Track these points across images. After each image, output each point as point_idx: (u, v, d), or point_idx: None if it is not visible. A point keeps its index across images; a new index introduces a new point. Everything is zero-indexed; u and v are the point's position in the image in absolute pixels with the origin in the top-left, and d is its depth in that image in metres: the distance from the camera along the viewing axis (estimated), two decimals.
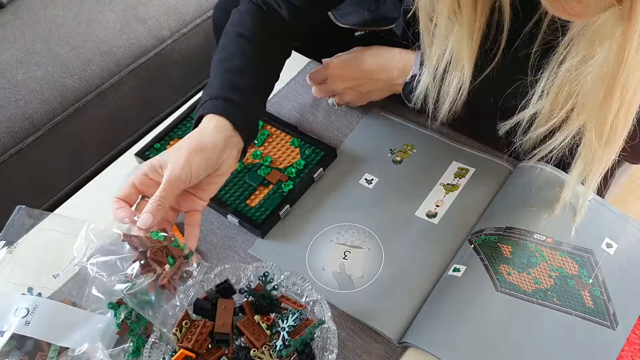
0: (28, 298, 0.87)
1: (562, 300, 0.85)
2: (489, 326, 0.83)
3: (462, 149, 1.05)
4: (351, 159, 1.05)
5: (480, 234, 0.93)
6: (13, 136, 1.44)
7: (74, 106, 1.53)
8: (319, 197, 1.02)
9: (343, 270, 0.93)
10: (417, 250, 0.94)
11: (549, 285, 0.86)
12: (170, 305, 0.78)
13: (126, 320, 0.84)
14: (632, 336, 0.84)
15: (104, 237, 0.94)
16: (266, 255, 0.96)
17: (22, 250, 0.96)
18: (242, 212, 0.99)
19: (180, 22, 1.68)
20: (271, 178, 1.03)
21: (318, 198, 1.02)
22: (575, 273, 0.87)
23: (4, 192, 1.47)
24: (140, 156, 1.08)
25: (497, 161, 1.02)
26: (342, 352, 0.86)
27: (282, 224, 0.99)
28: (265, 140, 1.09)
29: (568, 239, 0.90)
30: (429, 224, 0.96)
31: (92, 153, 1.63)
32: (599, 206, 0.94)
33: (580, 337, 0.82)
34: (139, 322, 0.84)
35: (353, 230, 0.97)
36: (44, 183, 1.54)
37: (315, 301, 0.84)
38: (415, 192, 1.00)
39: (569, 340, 0.82)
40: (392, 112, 1.11)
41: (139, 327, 0.84)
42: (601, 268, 0.88)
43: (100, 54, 1.57)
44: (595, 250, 0.89)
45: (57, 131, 1.51)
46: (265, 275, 0.85)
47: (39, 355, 0.84)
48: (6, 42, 1.57)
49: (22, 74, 1.51)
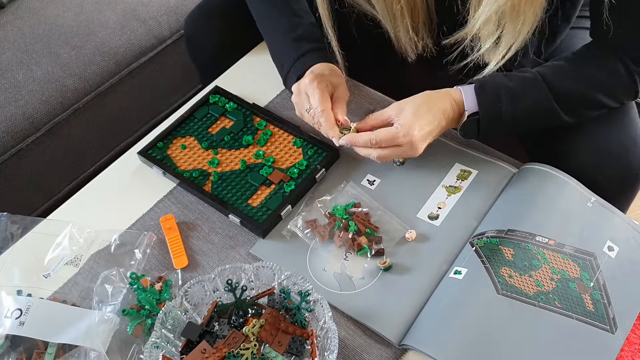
0: (20, 299, 0.87)
1: (563, 304, 0.84)
2: (490, 329, 0.83)
3: (465, 151, 1.05)
4: (353, 160, 1.05)
5: (482, 236, 0.92)
6: (13, 136, 1.44)
7: (74, 106, 1.52)
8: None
9: (344, 271, 0.93)
10: (418, 253, 0.93)
11: (550, 288, 0.86)
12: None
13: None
14: (632, 336, 0.84)
15: (90, 237, 0.95)
16: (267, 255, 0.96)
17: (7, 253, 0.97)
18: (244, 212, 0.99)
19: (180, 22, 1.68)
20: (273, 178, 1.03)
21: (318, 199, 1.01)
22: (577, 276, 0.87)
23: (4, 192, 1.46)
24: (144, 155, 1.08)
25: (500, 164, 1.02)
26: (342, 352, 0.85)
27: (284, 224, 0.99)
28: (268, 140, 1.09)
29: (570, 242, 0.90)
30: (431, 226, 0.96)
31: (92, 153, 1.62)
32: (601, 209, 0.94)
33: (580, 340, 0.82)
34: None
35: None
36: (44, 183, 1.54)
37: (316, 301, 0.84)
38: (417, 194, 1.00)
39: (569, 343, 0.82)
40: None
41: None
42: (602, 271, 0.87)
43: (100, 54, 1.57)
44: (597, 253, 0.89)
45: (57, 131, 1.51)
46: (229, 283, 0.86)
47: (35, 353, 0.84)
48: (6, 42, 1.57)
49: (22, 74, 1.50)
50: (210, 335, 0.85)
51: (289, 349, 0.83)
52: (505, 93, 0.94)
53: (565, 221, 0.92)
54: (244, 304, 0.87)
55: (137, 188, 1.06)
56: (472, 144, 1.06)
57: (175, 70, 1.72)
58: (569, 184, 0.95)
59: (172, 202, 1.04)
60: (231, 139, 1.09)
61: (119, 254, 0.96)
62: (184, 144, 1.09)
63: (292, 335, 0.84)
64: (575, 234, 0.91)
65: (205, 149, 1.08)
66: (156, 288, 0.91)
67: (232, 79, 1.22)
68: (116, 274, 0.91)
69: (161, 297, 0.90)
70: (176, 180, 1.05)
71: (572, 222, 0.92)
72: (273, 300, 0.87)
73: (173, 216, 1.01)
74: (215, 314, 0.87)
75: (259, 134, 1.10)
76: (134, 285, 0.90)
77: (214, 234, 0.99)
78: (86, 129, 1.57)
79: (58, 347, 0.85)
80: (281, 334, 0.83)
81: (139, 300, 0.89)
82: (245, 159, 1.06)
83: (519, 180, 0.99)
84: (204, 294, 0.87)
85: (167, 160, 1.07)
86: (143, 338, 0.87)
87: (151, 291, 0.90)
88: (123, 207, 1.04)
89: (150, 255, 0.97)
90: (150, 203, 1.04)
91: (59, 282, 0.94)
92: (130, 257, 0.95)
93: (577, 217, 0.93)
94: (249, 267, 0.87)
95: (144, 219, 1.02)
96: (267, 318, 0.84)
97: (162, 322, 0.83)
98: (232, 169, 1.05)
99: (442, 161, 1.04)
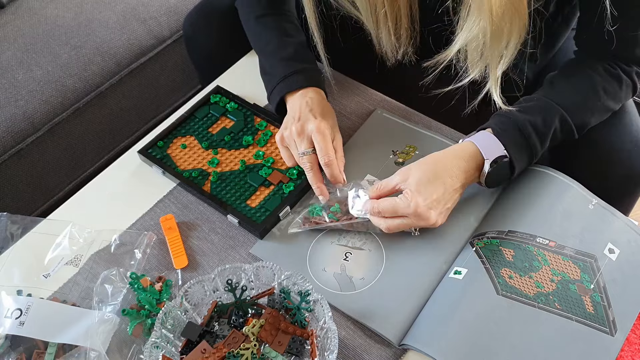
0: (20, 299, 0.87)
1: (563, 305, 0.84)
2: (489, 329, 0.83)
3: None
4: (353, 161, 1.05)
5: (482, 237, 0.92)
6: (13, 136, 1.44)
7: (74, 106, 1.52)
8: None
9: (344, 272, 0.93)
10: (418, 253, 0.93)
11: (551, 290, 0.86)
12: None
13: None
14: (632, 336, 0.84)
15: (91, 237, 0.95)
16: (267, 255, 0.96)
17: (7, 253, 0.97)
18: (242, 213, 0.99)
19: (180, 22, 1.68)
20: (272, 179, 1.03)
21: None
22: (577, 278, 0.87)
23: (4, 192, 1.46)
24: (144, 153, 1.08)
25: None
26: (342, 352, 0.85)
27: (283, 225, 0.99)
28: (268, 140, 1.09)
29: (571, 244, 0.90)
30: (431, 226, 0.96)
31: (92, 153, 1.62)
32: (603, 211, 0.94)
33: (579, 342, 0.82)
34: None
35: (354, 231, 0.97)
36: (44, 183, 1.54)
37: (316, 301, 0.84)
38: None
39: (568, 345, 0.82)
40: (394, 113, 1.11)
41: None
42: (603, 274, 0.87)
43: (100, 54, 1.57)
44: (597, 255, 0.89)
45: (57, 131, 1.51)
46: (229, 283, 0.86)
47: (35, 353, 0.84)
48: (6, 42, 1.57)
49: (22, 74, 1.50)
50: (210, 335, 0.85)
51: (288, 349, 0.83)
52: (526, 126, 0.92)
53: (566, 223, 0.92)
54: (244, 304, 0.87)
55: (137, 188, 1.06)
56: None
57: (175, 70, 1.72)
58: (570, 186, 0.95)
59: (172, 202, 1.04)
60: (231, 139, 1.09)
61: (119, 254, 0.96)
62: (184, 143, 1.09)
63: (292, 335, 0.84)
64: (576, 235, 0.91)
65: (206, 149, 1.08)
66: (156, 288, 0.91)
67: (233, 79, 1.22)
68: (116, 274, 0.91)
69: (161, 297, 0.90)
70: (176, 180, 1.05)
71: (573, 224, 0.92)
72: (273, 300, 0.87)
73: (173, 216, 1.01)
74: (215, 314, 0.87)
75: (259, 134, 1.10)
76: (134, 285, 0.90)
77: (213, 234, 0.99)
78: (86, 129, 1.57)
79: (58, 347, 0.85)
80: (281, 334, 0.83)
81: (139, 300, 0.89)
82: (245, 159, 1.06)
83: (520, 181, 0.99)
84: (203, 294, 0.87)
85: (167, 159, 1.07)
86: (143, 338, 0.87)
87: (151, 291, 0.90)
88: (123, 207, 1.04)
89: (150, 255, 0.97)
90: (150, 203, 1.04)
91: (59, 282, 0.94)
92: (130, 257, 0.95)
93: (578, 219, 0.92)
94: (249, 267, 0.87)
95: (144, 219, 1.02)
96: (267, 318, 0.84)
97: (162, 322, 0.83)
98: (232, 169, 1.05)
99: None
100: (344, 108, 1.14)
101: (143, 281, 0.91)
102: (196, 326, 0.84)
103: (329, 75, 1.10)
